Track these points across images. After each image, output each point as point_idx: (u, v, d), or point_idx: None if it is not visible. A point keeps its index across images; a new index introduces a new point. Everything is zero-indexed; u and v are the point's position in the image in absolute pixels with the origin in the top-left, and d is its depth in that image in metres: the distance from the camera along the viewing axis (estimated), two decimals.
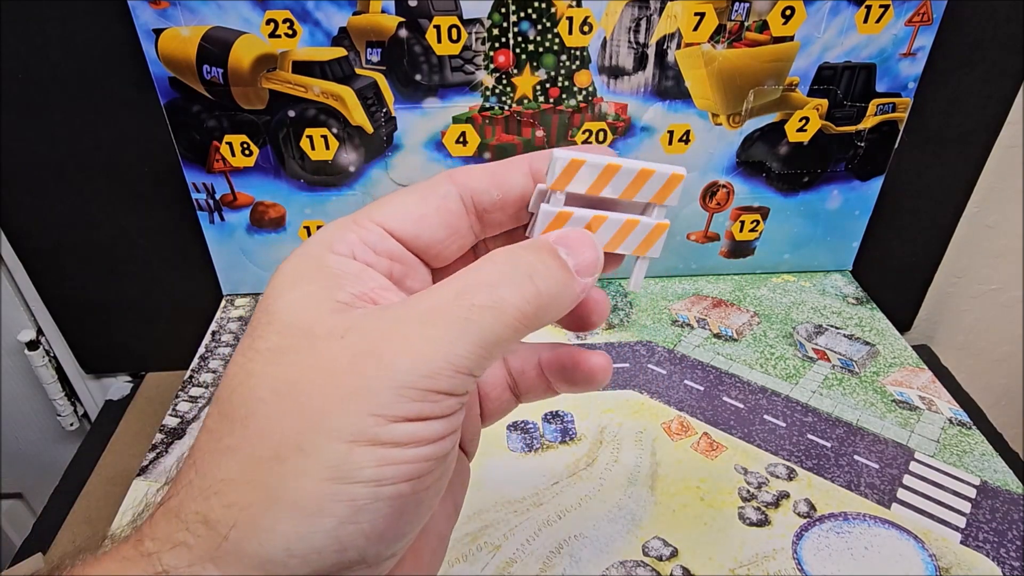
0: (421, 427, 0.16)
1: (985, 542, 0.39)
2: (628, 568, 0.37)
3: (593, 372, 0.23)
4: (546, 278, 0.18)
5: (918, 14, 0.49)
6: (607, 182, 0.21)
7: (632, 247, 0.22)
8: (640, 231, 0.21)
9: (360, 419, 0.16)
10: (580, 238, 0.20)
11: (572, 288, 0.19)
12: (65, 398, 0.65)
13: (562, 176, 0.20)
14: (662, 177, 0.21)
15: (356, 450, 0.16)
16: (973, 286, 0.68)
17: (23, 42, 0.47)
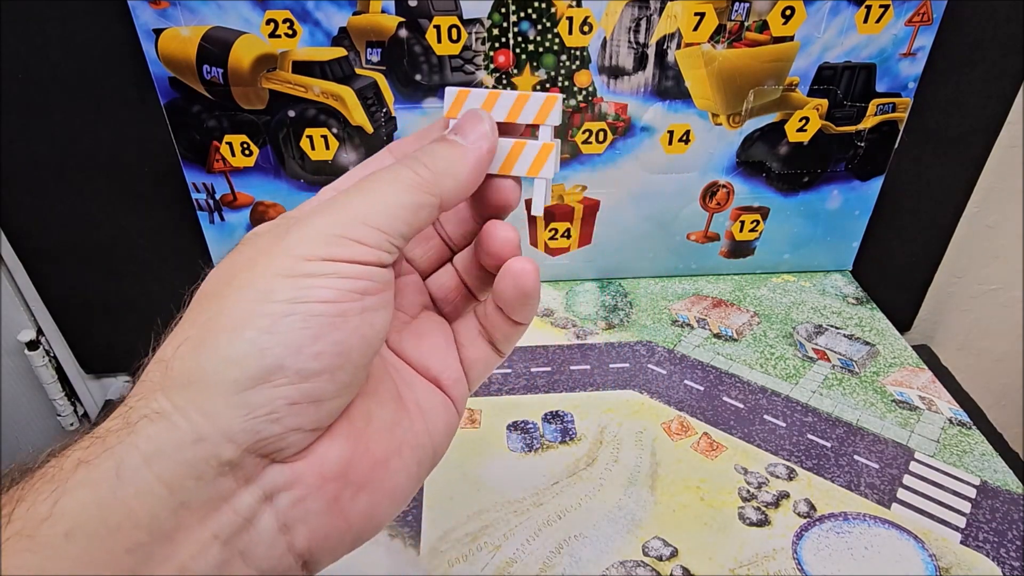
0: (334, 265, 0.19)
1: (985, 542, 0.39)
2: (628, 568, 0.37)
3: (499, 242, 0.24)
4: (434, 155, 0.22)
5: (918, 14, 0.49)
6: (491, 107, 0.24)
7: (524, 168, 0.24)
8: (529, 152, 0.24)
9: (284, 259, 0.19)
10: (467, 118, 0.23)
11: (465, 156, 0.22)
12: (65, 398, 0.65)
13: (453, 105, 0.24)
14: (538, 99, 0.24)
15: (278, 279, 0.19)
16: (973, 286, 0.68)
17: (23, 42, 0.47)
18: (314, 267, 0.19)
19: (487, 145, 0.23)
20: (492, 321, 0.26)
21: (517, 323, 0.25)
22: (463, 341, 0.26)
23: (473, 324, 0.26)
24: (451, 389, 0.25)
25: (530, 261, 0.24)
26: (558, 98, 0.24)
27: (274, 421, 0.18)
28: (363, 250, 0.20)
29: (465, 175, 0.22)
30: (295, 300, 0.19)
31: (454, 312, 0.28)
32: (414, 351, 0.25)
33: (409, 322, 0.26)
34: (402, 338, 0.26)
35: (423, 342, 0.26)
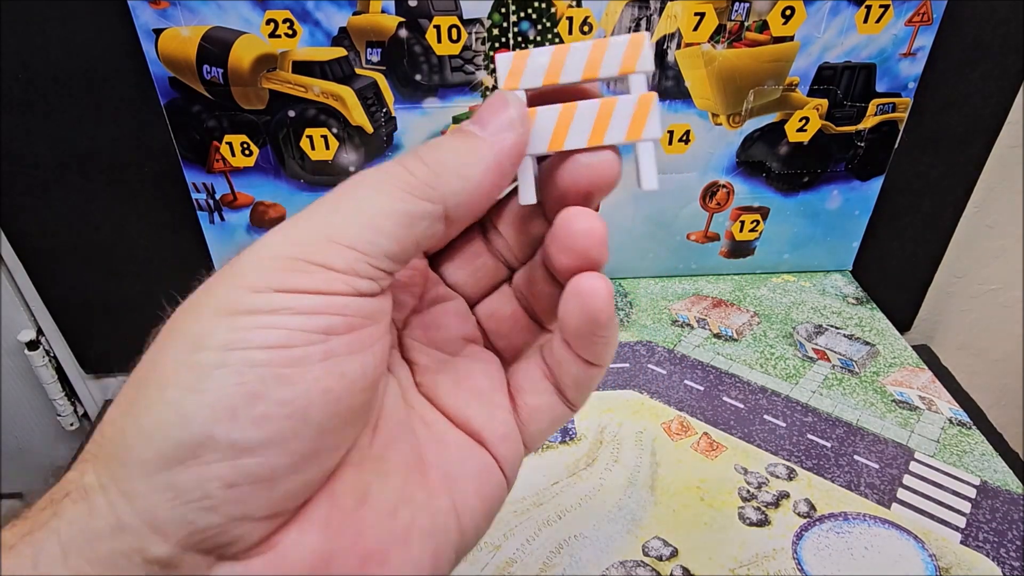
0: (287, 297, 0.15)
1: (985, 542, 0.39)
2: (628, 568, 0.37)
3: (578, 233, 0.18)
4: (436, 149, 0.17)
5: (918, 14, 0.49)
6: (561, 67, 0.18)
7: (621, 133, 0.18)
8: (623, 111, 0.18)
9: (227, 291, 0.15)
10: (487, 104, 0.18)
11: (481, 149, 0.17)
12: (65, 398, 0.65)
13: (511, 73, 0.18)
14: (620, 44, 0.18)
15: (215, 319, 0.15)
16: (973, 286, 0.68)
17: (23, 42, 0.47)
18: (260, 300, 0.15)
19: (513, 137, 0.17)
20: (558, 359, 0.19)
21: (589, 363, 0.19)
22: (522, 385, 0.20)
23: (537, 364, 0.20)
24: (497, 447, 0.19)
25: (602, 278, 0.17)
26: (645, 36, 0.18)
27: (209, 509, 0.14)
28: (328, 276, 0.15)
29: (478, 175, 0.17)
30: (229, 346, 0.14)
31: (511, 348, 0.22)
32: (450, 397, 0.20)
33: (447, 361, 0.21)
34: (437, 381, 0.20)
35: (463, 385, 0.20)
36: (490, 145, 0.17)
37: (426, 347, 0.21)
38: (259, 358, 0.14)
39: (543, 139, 0.18)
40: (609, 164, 0.18)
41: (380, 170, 0.17)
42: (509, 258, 0.21)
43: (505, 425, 0.20)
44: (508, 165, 0.18)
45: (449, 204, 0.17)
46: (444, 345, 0.21)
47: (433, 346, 0.21)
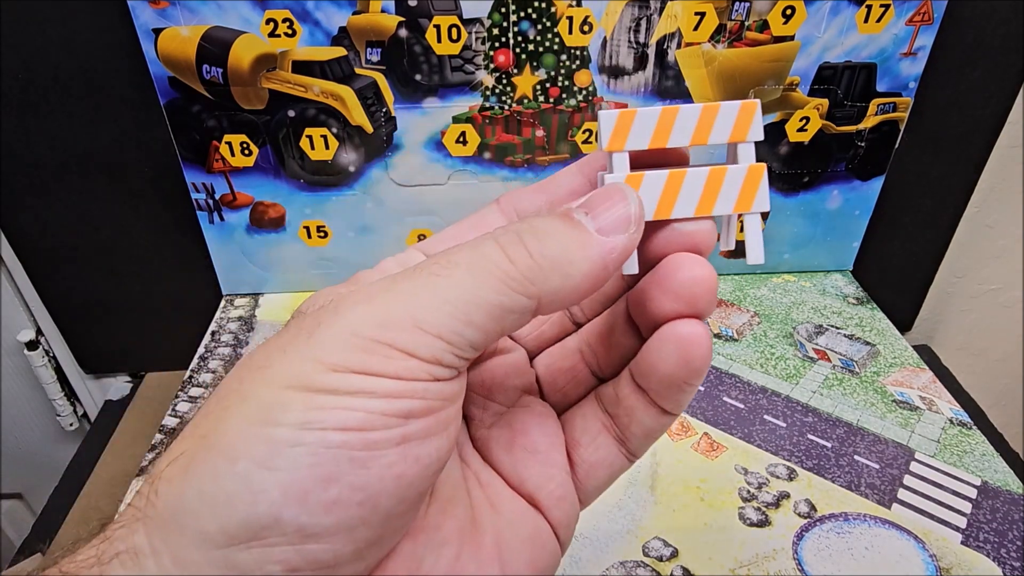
0: (366, 380, 0.14)
1: (986, 542, 0.39)
2: (628, 568, 0.37)
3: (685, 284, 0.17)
4: (543, 237, 0.16)
5: (919, 14, 0.49)
6: (669, 130, 0.18)
7: (730, 204, 0.18)
8: (733, 181, 0.18)
9: (301, 365, 0.14)
10: (604, 193, 0.17)
11: (589, 248, 0.16)
12: (65, 398, 0.65)
13: (616, 134, 0.17)
14: (732, 109, 0.18)
15: (288, 393, 0.14)
16: (974, 286, 0.68)
17: (23, 42, 0.47)
18: (338, 380, 0.14)
19: (624, 242, 0.16)
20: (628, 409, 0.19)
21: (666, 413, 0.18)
22: (579, 439, 0.19)
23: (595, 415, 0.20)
24: (552, 511, 0.19)
25: (703, 325, 0.17)
26: (757, 104, 0.18)
27: None
28: (411, 364, 0.14)
29: (580, 276, 0.16)
30: (305, 425, 0.14)
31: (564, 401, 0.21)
32: (506, 455, 0.19)
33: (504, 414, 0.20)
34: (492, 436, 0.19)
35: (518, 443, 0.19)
36: (599, 244, 0.16)
37: (483, 399, 0.20)
38: (335, 439, 0.14)
39: (650, 206, 0.18)
40: (707, 233, 0.18)
41: (478, 250, 0.16)
42: (577, 315, 0.21)
43: (562, 487, 0.19)
44: (613, 269, 0.16)
45: (544, 301, 0.16)
46: (501, 397, 0.20)
47: (490, 398, 0.20)
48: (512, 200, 0.20)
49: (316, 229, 0.55)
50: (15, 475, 0.70)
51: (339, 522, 0.14)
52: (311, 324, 0.15)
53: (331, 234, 0.56)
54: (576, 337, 0.21)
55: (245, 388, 0.15)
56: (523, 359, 0.21)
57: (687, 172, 0.18)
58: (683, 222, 0.18)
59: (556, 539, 0.19)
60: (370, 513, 0.14)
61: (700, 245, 0.18)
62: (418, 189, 0.54)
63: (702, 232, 0.18)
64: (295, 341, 0.15)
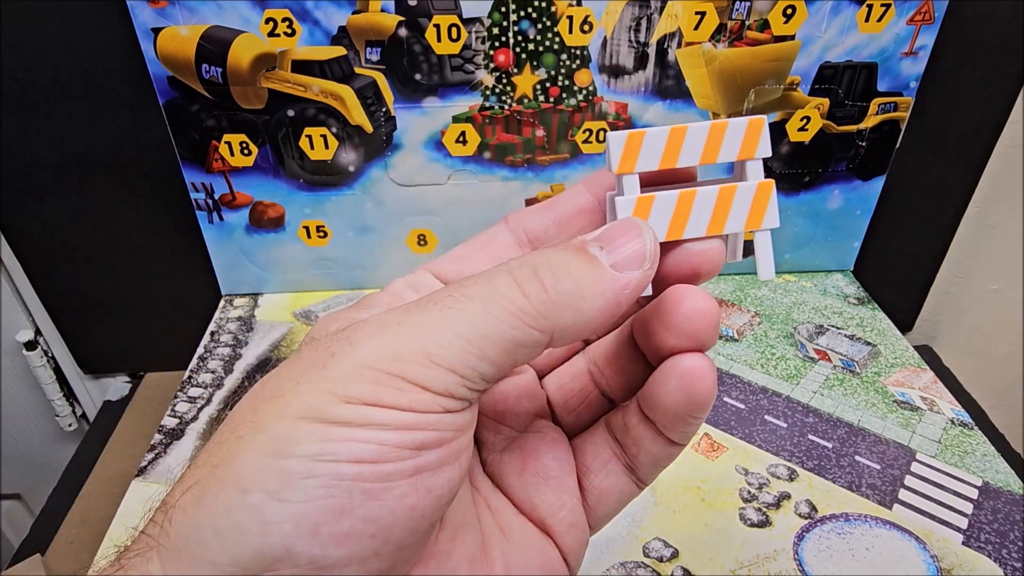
0: (378, 412, 0.14)
1: (987, 543, 0.39)
2: (628, 569, 0.37)
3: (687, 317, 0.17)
4: (557, 271, 0.15)
5: (920, 13, 0.48)
6: (679, 150, 0.18)
7: (740, 222, 0.18)
8: (743, 199, 0.17)
9: (314, 396, 0.14)
10: (620, 227, 0.17)
11: (602, 283, 0.16)
12: (63, 398, 0.65)
13: (625, 156, 0.17)
14: (739, 127, 0.18)
15: (301, 424, 0.14)
16: (975, 286, 0.68)
17: (23, 42, 0.47)
18: (351, 412, 0.14)
19: (638, 278, 0.16)
20: (636, 438, 0.19)
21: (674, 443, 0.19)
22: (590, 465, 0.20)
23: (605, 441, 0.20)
24: (563, 537, 0.19)
25: (707, 359, 0.17)
26: (764, 121, 0.18)
27: None
28: (424, 397, 0.15)
29: (593, 312, 0.16)
30: (318, 456, 0.14)
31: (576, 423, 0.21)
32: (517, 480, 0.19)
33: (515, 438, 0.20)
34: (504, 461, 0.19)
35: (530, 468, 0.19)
36: (613, 280, 0.16)
37: (494, 422, 0.20)
38: (347, 472, 0.14)
39: (661, 227, 0.17)
40: (717, 253, 0.18)
41: (492, 284, 0.15)
42: None
43: (572, 513, 0.19)
44: (626, 304, 0.16)
45: (556, 335, 0.16)
46: (513, 421, 0.20)
47: (501, 421, 0.20)
48: (520, 219, 0.20)
49: (316, 229, 0.55)
50: (14, 476, 0.70)
51: (351, 554, 0.14)
52: (324, 355, 0.15)
53: (331, 234, 0.56)
54: (585, 357, 0.21)
55: (258, 419, 0.15)
56: (533, 381, 0.21)
57: (697, 192, 0.17)
58: (695, 242, 0.18)
59: (566, 565, 0.19)
60: (382, 544, 0.14)
61: (710, 264, 0.18)
62: (418, 189, 0.54)
63: (712, 251, 0.18)
64: (308, 372, 0.15)
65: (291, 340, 0.54)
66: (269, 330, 0.55)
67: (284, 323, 0.56)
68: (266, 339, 0.55)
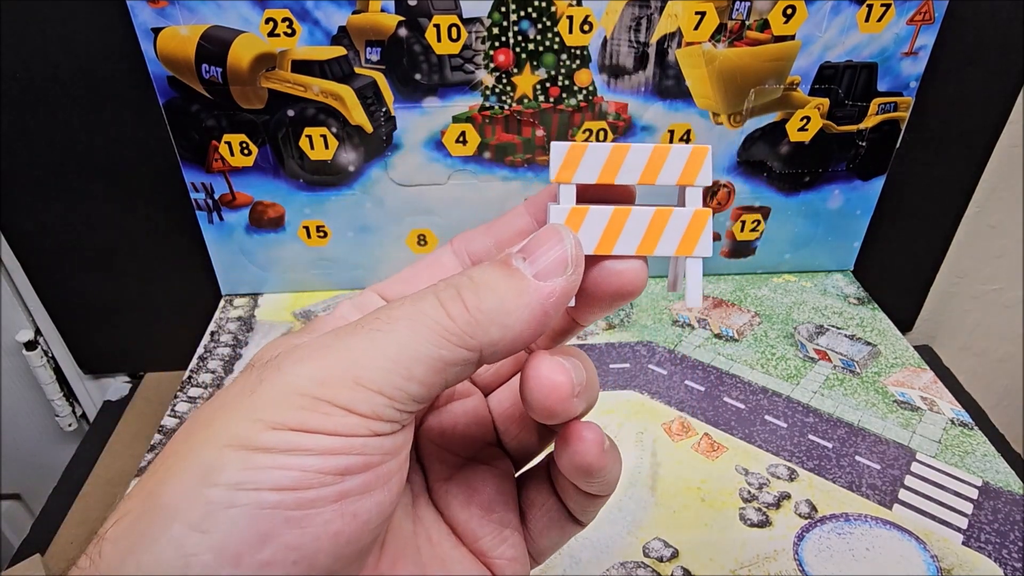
0: (305, 438, 0.14)
1: (987, 543, 0.39)
2: (629, 569, 0.37)
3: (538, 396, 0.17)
4: (480, 289, 0.16)
5: (920, 13, 0.48)
6: (618, 167, 0.18)
7: (672, 246, 0.18)
8: (677, 224, 0.18)
9: (240, 424, 0.14)
10: (543, 235, 0.17)
11: (526, 295, 0.16)
12: (63, 398, 0.65)
13: (565, 166, 0.18)
14: (682, 153, 0.18)
15: (226, 452, 0.14)
16: (975, 286, 0.68)
17: (23, 42, 0.47)
18: (277, 438, 0.14)
19: (562, 285, 0.16)
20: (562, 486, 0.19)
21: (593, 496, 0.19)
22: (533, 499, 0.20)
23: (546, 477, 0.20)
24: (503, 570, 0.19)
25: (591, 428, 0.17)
26: (707, 150, 0.18)
27: None
28: (350, 421, 0.15)
29: (519, 326, 0.16)
30: (240, 485, 0.14)
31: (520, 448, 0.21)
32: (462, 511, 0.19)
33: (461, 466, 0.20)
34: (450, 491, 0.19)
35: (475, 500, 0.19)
36: (536, 290, 0.16)
37: (441, 450, 0.20)
38: (269, 500, 0.14)
39: (591, 240, 0.18)
40: (638, 273, 0.18)
41: (419, 306, 0.16)
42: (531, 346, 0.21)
43: (514, 547, 0.19)
44: (554, 313, 0.16)
45: (485, 352, 0.16)
46: (459, 448, 0.20)
47: (448, 449, 0.20)
48: (463, 241, 0.20)
49: (316, 229, 0.55)
50: (14, 476, 0.70)
51: None
52: (254, 381, 0.15)
53: (330, 234, 0.56)
54: None
55: (188, 447, 0.15)
56: (480, 404, 0.21)
57: (632, 210, 0.18)
58: (615, 260, 0.18)
59: None
60: (306, 571, 0.14)
61: (631, 284, 0.18)
62: (418, 189, 0.54)
63: (632, 271, 0.18)
64: (238, 399, 0.15)
65: None
66: (269, 330, 0.55)
67: (284, 323, 0.56)
68: (266, 339, 0.55)
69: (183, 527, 0.13)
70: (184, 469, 0.14)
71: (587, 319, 0.20)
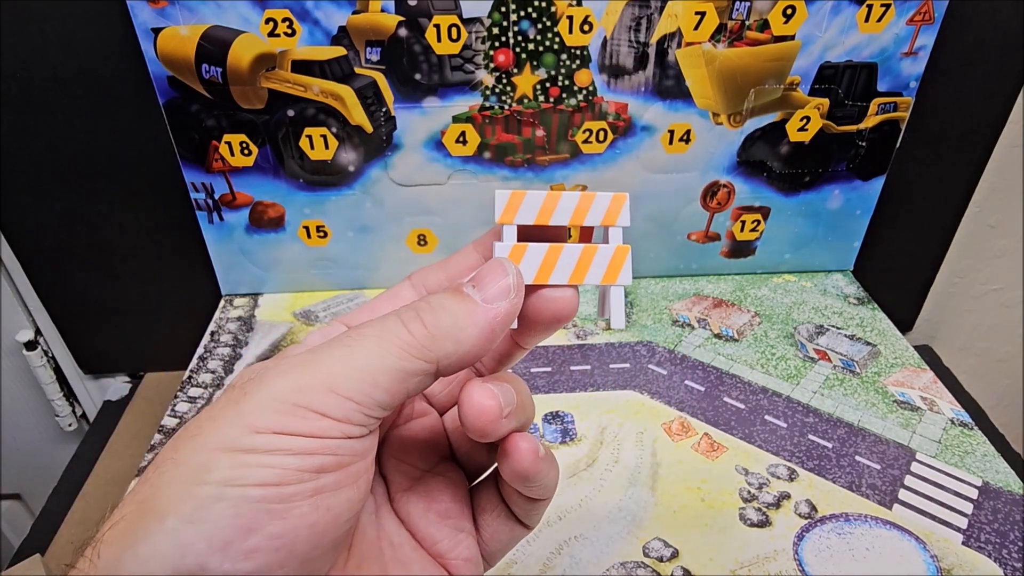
0: (285, 439, 0.16)
1: (987, 543, 0.39)
2: (628, 569, 0.37)
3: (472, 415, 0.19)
4: (435, 309, 0.19)
5: (919, 13, 0.48)
6: (552, 211, 0.21)
7: (598, 276, 0.21)
8: (602, 257, 0.21)
9: (228, 429, 0.16)
10: (489, 267, 0.20)
11: (474, 315, 0.19)
12: (63, 398, 0.65)
13: (507, 210, 0.21)
14: (605, 199, 0.21)
15: (215, 455, 0.16)
16: (975, 286, 0.68)
17: (23, 42, 0.47)
18: (260, 440, 0.16)
19: (506, 307, 0.19)
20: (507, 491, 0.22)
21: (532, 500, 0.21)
22: (484, 507, 0.22)
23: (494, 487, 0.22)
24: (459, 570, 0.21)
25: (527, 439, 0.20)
26: (626, 197, 0.21)
27: None
28: (324, 424, 0.17)
29: (470, 341, 0.18)
30: (228, 482, 0.15)
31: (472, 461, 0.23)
32: (421, 519, 0.22)
33: (420, 478, 0.22)
34: (410, 500, 0.22)
35: (433, 508, 0.22)
36: (484, 311, 0.19)
37: (402, 463, 0.22)
38: (254, 494, 0.16)
39: (530, 272, 0.21)
40: (570, 300, 0.21)
41: (384, 325, 0.18)
42: (480, 369, 0.23)
43: (469, 549, 0.22)
44: (499, 331, 0.19)
45: (442, 364, 0.18)
46: (418, 462, 0.23)
47: (408, 463, 0.22)
48: (420, 277, 0.22)
49: (315, 229, 0.55)
50: (14, 476, 0.70)
51: (259, 567, 0.16)
52: (238, 394, 0.17)
53: (330, 234, 0.56)
54: None
55: (179, 455, 0.16)
56: (436, 422, 0.24)
57: (564, 248, 0.21)
58: (551, 289, 0.21)
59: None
60: (287, 557, 0.16)
61: (565, 309, 0.21)
62: (418, 189, 0.54)
63: (565, 299, 0.21)
64: (224, 410, 0.17)
65: (291, 340, 0.54)
66: (269, 330, 0.55)
67: (284, 323, 0.56)
68: (266, 339, 0.55)
69: (177, 520, 0.15)
70: (176, 471, 0.16)
71: (528, 342, 0.22)
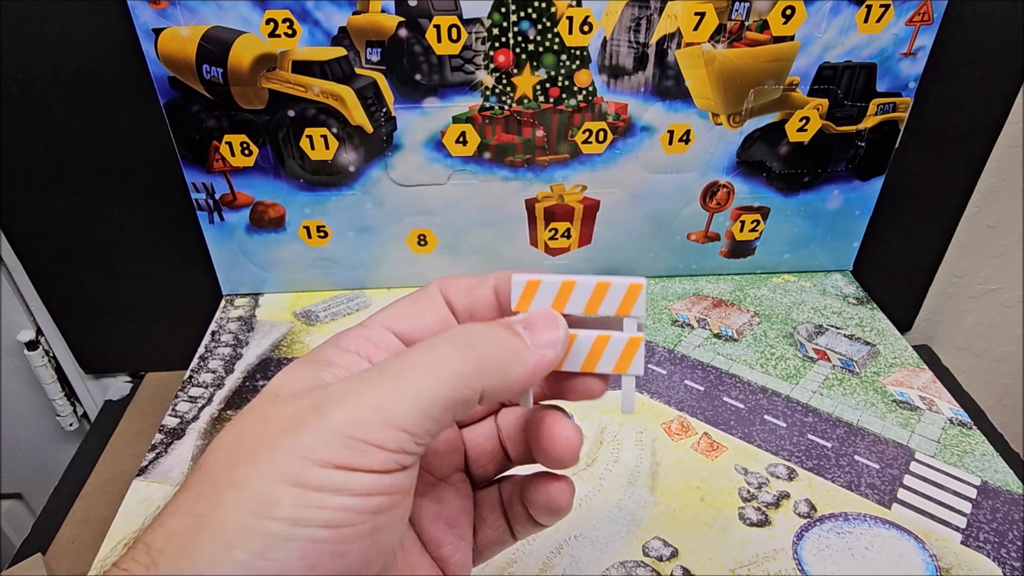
0: (347, 476, 0.17)
1: (986, 542, 0.39)
2: (628, 568, 0.37)
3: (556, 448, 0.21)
4: (488, 343, 0.19)
5: (919, 14, 0.49)
6: (566, 299, 0.21)
7: (610, 365, 0.21)
8: (614, 347, 0.21)
9: (289, 460, 0.17)
10: (543, 316, 0.21)
11: (523, 355, 0.20)
12: (64, 398, 0.65)
13: (522, 298, 0.21)
14: (620, 288, 0.21)
15: (280, 488, 0.16)
16: (974, 286, 0.68)
17: (23, 42, 0.47)
18: (324, 477, 0.17)
19: (552, 356, 0.20)
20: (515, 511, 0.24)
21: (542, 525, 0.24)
22: (485, 517, 0.24)
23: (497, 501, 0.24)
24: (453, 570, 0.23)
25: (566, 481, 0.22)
26: (643, 285, 0.21)
27: None
28: (382, 457, 0.17)
29: (516, 379, 0.20)
30: (298, 521, 0.16)
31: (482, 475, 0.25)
32: (431, 524, 0.23)
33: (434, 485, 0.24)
34: (423, 504, 0.23)
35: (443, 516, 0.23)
36: (533, 355, 0.20)
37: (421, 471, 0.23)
38: (320, 536, 0.16)
39: None
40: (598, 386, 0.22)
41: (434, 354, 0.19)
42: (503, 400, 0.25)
43: (464, 556, 0.23)
44: (541, 375, 0.20)
45: (486, 395, 0.19)
46: (435, 470, 0.24)
47: (427, 470, 0.24)
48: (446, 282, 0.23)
49: (316, 229, 0.55)
50: (15, 475, 0.70)
51: None
52: (295, 421, 0.18)
53: (331, 234, 0.56)
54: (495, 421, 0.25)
55: (239, 477, 0.17)
56: (457, 434, 0.25)
57: (579, 334, 0.21)
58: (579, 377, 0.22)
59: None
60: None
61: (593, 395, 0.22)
62: (418, 189, 0.54)
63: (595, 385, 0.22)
64: (282, 437, 0.17)
65: (291, 340, 0.55)
66: (270, 330, 0.56)
67: (285, 323, 0.56)
68: (267, 339, 0.55)
69: (246, 555, 0.16)
70: (239, 499, 0.16)
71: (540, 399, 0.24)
